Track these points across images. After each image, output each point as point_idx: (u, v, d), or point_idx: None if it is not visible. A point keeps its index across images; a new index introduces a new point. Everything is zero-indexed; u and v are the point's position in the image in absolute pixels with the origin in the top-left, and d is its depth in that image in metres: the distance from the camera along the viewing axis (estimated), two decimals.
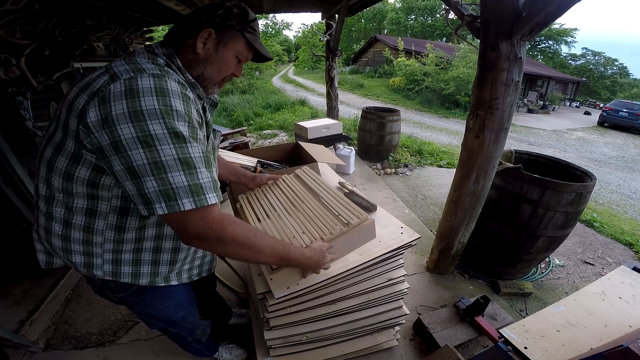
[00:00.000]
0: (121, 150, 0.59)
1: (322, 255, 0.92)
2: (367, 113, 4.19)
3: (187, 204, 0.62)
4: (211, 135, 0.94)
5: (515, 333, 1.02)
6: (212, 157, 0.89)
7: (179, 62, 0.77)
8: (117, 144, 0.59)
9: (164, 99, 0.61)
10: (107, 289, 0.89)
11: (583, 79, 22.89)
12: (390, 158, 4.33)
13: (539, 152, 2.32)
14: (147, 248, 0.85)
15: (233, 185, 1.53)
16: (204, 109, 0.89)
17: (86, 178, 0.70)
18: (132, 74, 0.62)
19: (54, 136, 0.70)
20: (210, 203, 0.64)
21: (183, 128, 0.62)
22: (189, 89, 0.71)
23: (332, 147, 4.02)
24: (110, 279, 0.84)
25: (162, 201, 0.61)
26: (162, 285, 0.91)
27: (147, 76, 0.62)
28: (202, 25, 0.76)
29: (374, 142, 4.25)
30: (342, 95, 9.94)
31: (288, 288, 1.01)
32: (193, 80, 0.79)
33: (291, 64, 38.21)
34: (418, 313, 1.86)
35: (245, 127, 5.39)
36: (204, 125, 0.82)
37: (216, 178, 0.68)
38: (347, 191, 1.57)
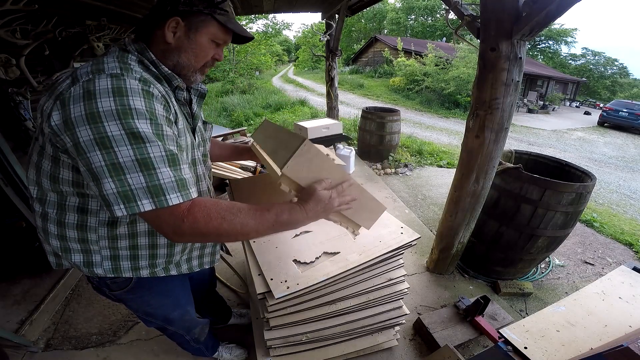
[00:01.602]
0: (81, 152, 0.59)
1: (317, 198, 0.75)
2: (367, 113, 4.19)
3: (147, 205, 0.61)
4: (199, 126, 0.92)
5: (515, 333, 1.02)
6: (195, 153, 0.87)
7: (152, 56, 0.75)
8: (77, 147, 0.59)
9: (121, 98, 0.59)
10: (104, 286, 0.89)
11: (583, 79, 22.91)
12: (390, 158, 4.33)
13: (539, 152, 2.32)
14: (142, 244, 0.84)
15: (233, 186, 1.53)
16: (189, 101, 0.88)
17: (70, 179, 0.71)
18: (90, 76, 0.61)
19: (37, 140, 0.71)
20: (171, 204, 0.62)
21: (144, 126, 0.61)
22: (153, 85, 0.67)
23: (332, 147, 4.02)
24: (112, 275, 0.84)
25: (120, 203, 0.60)
26: (162, 276, 0.91)
27: (105, 77, 0.61)
28: (167, 15, 0.74)
29: (374, 142, 4.25)
30: (342, 95, 9.93)
31: (288, 288, 1.01)
32: (169, 71, 0.77)
33: (291, 64, 38.21)
34: (418, 313, 1.86)
35: (245, 127, 5.39)
36: (182, 118, 0.80)
37: (184, 176, 0.65)
38: None
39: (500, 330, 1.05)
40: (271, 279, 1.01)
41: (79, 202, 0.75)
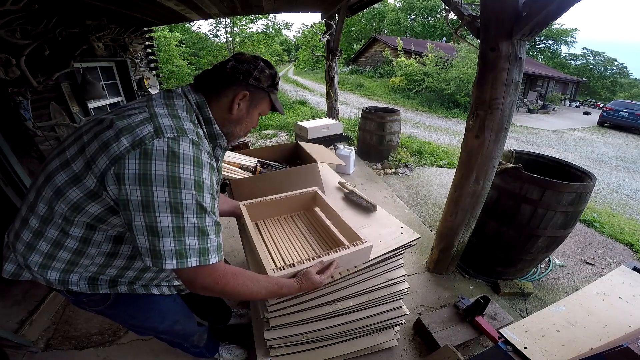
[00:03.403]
0: (150, 210, 0.63)
1: (310, 281, 0.92)
2: (367, 113, 4.19)
3: (194, 262, 0.67)
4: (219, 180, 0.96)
5: (515, 333, 1.02)
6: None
7: (210, 114, 0.80)
8: (148, 203, 0.62)
9: (198, 170, 0.66)
10: (82, 303, 0.88)
11: (583, 79, 22.87)
12: (390, 158, 4.33)
13: (539, 152, 2.32)
14: (128, 275, 0.86)
15: (233, 186, 1.52)
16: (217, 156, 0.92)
17: (95, 214, 0.71)
18: (175, 134, 0.66)
19: (72, 163, 0.69)
20: (211, 262, 0.69)
21: (207, 199, 0.69)
22: (211, 157, 0.75)
23: (332, 147, 4.02)
24: (88, 292, 0.83)
25: (174, 259, 0.65)
26: (142, 293, 0.91)
27: (188, 142, 0.66)
28: (238, 85, 0.81)
29: (374, 142, 4.25)
30: (342, 95, 9.94)
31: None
32: (220, 132, 0.83)
33: (291, 64, 38.22)
34: (418, 313, 1.86)
35: None
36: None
37: (221, 242, 0.74)
38: (347, 191, 1.57)
39: (500, 330, 1.05)
40: None
41: (83, 233, 0.74)
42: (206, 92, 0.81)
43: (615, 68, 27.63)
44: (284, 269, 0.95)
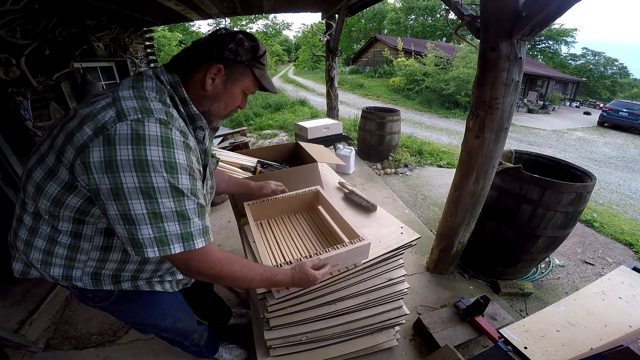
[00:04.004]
0: (121, 197, 0.60)
1: (304, 272, 0.90)
2: (367, 113, 4.19)
3: (178, 248, 0.65)
4: (210, 163, 0.93)
5: (515, 333, 1.02)
6: (207, 199, 0.89)
7: (184, 93, 0.76)
8: (118, 191, 0.60)
9: (168, 150, 0.62)
10: (87, 299, 0.88)
11: (583, 79, 22.87)
12: (390, 158, 4.33)
13: (539, 152, 2.32)
14: (129, 268, 0.85)
15: None
16: (202, 137, 0.88)
17: (76, 206, 0.69)
18: (139, 115, 0.62)
19: (46, 158, 0.67)
20: (197, 247, 0.68)
21: (184, 181, 0.65)
22: (190, 136, 0.72)
23: (332, 147, 4.02)
24: (92, 288, 0.83)
25: (154, 246, 0.63)
26: (145, 290, 0.90)
27: (155, 121, 0.62)
28: (211, 59, 0.75)
29: (374, 142, 4.25)
30: (342, 95, 9.94)
31: (288, 289, 1.01)
32: (198, 112, 0.78)
33: (291, 64, 38.22)
34: (418, 313, 1.86)
35: (245, 127, 5.39)
36: (202, 163, 0.83)
37: (207, 224, 0.71)
38: (347, 191, 1.57)
39: (500, 330, 1.05)
40: None
41: (72, 228, 0.73)
42: (180, 71, 0.77)
43: (615, 68, 27.63)
44: (281, 266, 0.95)
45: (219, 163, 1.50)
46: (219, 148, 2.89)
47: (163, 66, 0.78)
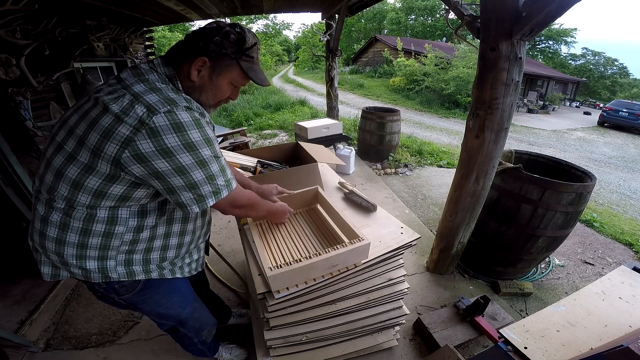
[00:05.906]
0: (185, 172, 0.74)
1: (283, 210, 1.19)
2: (367, 113, 4.19)
3: (225, 192, 0.84)
4: None
5: (515, 333, 1.02)
6: None
7: (179, 85, 0.82)
8: (181, 169, 0.73)
9: (201, 130, 0.75)
10: (112, 292, 0.90)
11: (583, 79, 22.88)
12: (390, 158, 4.33)
13: (539, 152, 2.32)
14: (156, 246, 0.91)
15: None
16: None
17: (120, 194, 0.77)
18: (168, 107, 0.71)
19: (77, 156, 0.72)
20: (234, 187, 0.87)
21: (216, 148, 0.81)
22: (205, 112, 0.83)
23: (332, 147, 4.02)
24: (125, 279, 0.87)
25: (213, 197, 0.81)
26: (169, 277, 0.96)
27: (182, 109, 0.72)
28: (197, 52, 0.80)
29: (374, 142, 4.25)
30: (342, 95, 9.95)
31: (288, 288, 1.01)
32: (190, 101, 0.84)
33: (291, 64, 38.21)
34: (418, 313, 1.86)
35: (245, 127, 5.39)
36: None
37: (229, 177, 0.85)
38: (347, 191, 1.57)
39: (500, 330, 1.05)
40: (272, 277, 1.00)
41: (109, 214, 0.80)
42: (174, 63, 0.82)
43: (615, 68, 27.63)
44: (281, 267, 0.95)
45: None
46: (219, 148, 2.89)
47: (159, 58, 0.83)
